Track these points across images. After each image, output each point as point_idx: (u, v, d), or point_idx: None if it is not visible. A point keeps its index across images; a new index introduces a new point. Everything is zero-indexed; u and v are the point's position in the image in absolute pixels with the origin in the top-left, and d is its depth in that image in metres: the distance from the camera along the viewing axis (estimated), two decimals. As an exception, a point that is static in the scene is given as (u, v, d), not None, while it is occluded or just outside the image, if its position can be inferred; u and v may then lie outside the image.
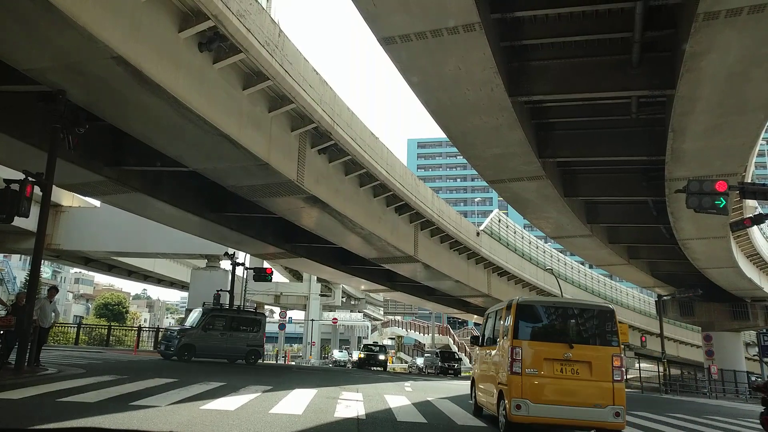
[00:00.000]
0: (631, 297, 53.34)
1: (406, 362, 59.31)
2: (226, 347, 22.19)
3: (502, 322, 8.64)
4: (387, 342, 70.69)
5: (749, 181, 19.59)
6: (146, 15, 10.26)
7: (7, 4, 8.62)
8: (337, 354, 50.75)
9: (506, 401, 7.70)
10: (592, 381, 7.67)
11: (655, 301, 38.30)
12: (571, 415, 7.56)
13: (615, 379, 7.68)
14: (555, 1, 12.02)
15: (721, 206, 11.71)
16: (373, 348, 37.34)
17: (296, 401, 9.14)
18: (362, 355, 35.88)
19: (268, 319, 73.80)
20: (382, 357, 35.37)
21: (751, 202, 23.47)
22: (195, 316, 23.00)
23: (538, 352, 7.78)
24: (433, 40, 11.55)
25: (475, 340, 10.77)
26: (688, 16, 10.34)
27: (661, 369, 31.97)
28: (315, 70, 14.98)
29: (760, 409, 9.34)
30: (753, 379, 36.73)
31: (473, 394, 10.34)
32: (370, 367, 33.96)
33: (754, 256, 32.99)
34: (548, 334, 8.14)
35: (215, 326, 22.26)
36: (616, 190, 21.55)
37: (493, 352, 8.86)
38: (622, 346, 8.11)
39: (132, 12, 9.95)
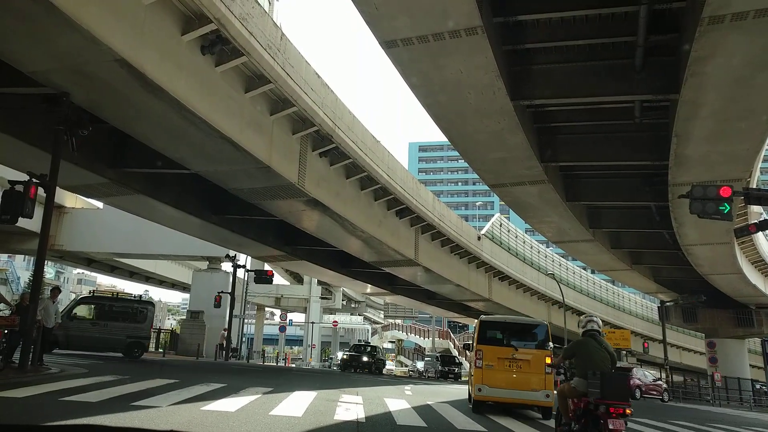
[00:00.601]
0: (634, 303, 53.23)
1: (406, 366, 59.18)
2: (98, 338, 19.81)
3: (474, 333, 11.87)
4: (387, 345, 70.50)
5: (754, 186, 19.55)
6: (149, 18, 10.30)
7: (10, 6, 8.66)
8: (342, 356, 49.42)
9: (473, 386, 10.96)
10: (531, 373, 10.60)
11: (658, 307, 38.21)
12: (515, 396, 10.69)
13: (546, 372, 10.58)
14: (558, 4, 12.03)
15: (725, 212, 11.66)
16: (364, 348, 32.28)
17: (296, 403, 9.12)
18: (346, 356, 30.82)
19: (268, 321, 73.52)
20: (366, 359, 29.55)
21: (756, 208, 23.42)
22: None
23: (494, 353, 10.81)
24: (434, 43, 11.58)
25: (467, 346, 14.02)
26: (693, 19, 10.33)
27: (664, 375, 31.89)
28: (316, 74, 15.01)
29: (765, 416, 10.11)
30: (758, 387, 36.60)
31: (468, 385, 13.41)
32: (355, 370, 29.11)
33: (758, 263, 32.89)
34: (501, 340, 11.16)
35: (86, 315, 20.45)
36: (619, 194, 21.51)
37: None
38: (552, 349, 11.23)
39: (135, 15, 9.99)
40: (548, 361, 10.69)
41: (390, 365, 48.35)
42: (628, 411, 5.66)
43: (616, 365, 6.52)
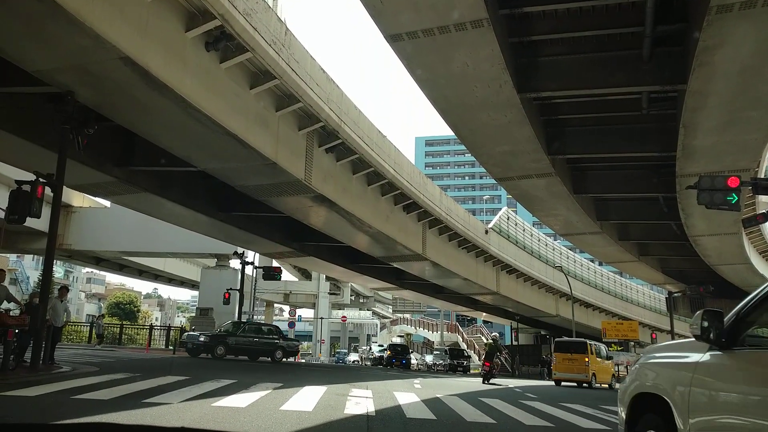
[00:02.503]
0: (642, 294, 53.03)
1: (414, 360, 59.18)
2: None
3: (552, 347, 27.56)
4: (396, 339, 70.62)
5: (762, 176, 19.40)
6: (153, 15, 10.29)
7: (14, 6, 8.68)
8: (377, 350, 44.62)
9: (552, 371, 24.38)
10: (578, 365, 21.39)
11: (666, 298, 38.06)
12: (571, 377, 21.90)
13: (586, 365, 21.16)
14: (563, -5, 11.94)
15: (733, 202, 11.58)
16: (232, 327, 22.96)
17: (306, 398, 9.14)
18: (183, 332, 22.88)
19: (277, 318, 74.05)
20: (203, 339, 21.65)
21: (764, 198, 23.24)
22: None
23: (561, 356, 22.25)
24: (440, 36, 11.52)
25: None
26: (701, 9, 10.22)
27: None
28: (322, 69, 14.98)
29: None
30: None
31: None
32: (217, 352, 21.37)
33: (766, 253, 32.69)
34: (564, 349, 22.54)
35: None
36: (627, 186, 21.42)
37: None
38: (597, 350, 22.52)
39: (139, 12, 9.98)
40: (586, 360, 21.29)
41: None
42: (488, 364, 19.41)
43: (500, 352, 25.36)
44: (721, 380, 3.05)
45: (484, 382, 18.73)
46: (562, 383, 22.43)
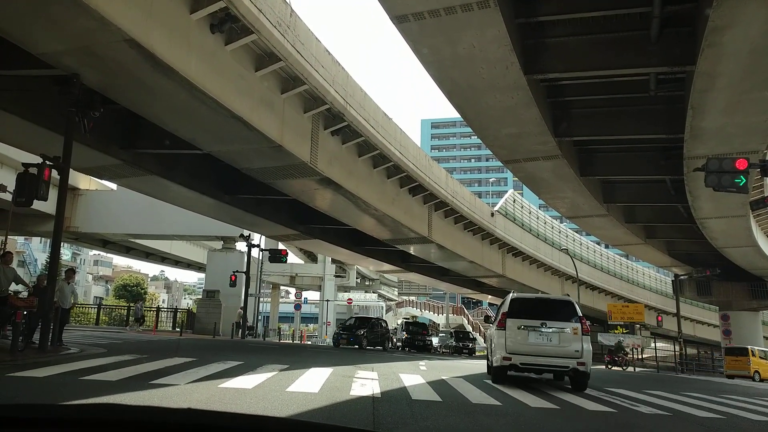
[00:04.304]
0: (648, 277, 52.97)
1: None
2: None
3: None
4: (401, 322, 70.99)
5: (770, 158, 19.20)
6: (158, -4, 10.22)
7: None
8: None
9: None
10: (743, 364, 26.78)
11: (672, 280, 37.98)
12: (738, 373, 26.27)
13: (748, 363, 26.49)
14: (571, -25, 11.77)
15: (740, 184, 11.51)
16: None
17: (312, 380, 9.22)
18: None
19: (283, 300, 74.38)
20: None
21: (771, 180, 23.04)
22: None
23: (730, 357, 28.72)
24: (446, 17, 11.40)
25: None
26: (710, -11, 10.05)
27: (677, 348, 31.87)
28: (327, 51, 14.88)
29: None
30: None
31: None
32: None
33: (774, 235, 32.47)
34: (733, 354, 28.50)
35: None
36: (634, 168, 21.28)
37: None
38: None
39: (144, -7, 9.92)
40: (748, 360, 25.51)
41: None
42: (610, 357, 27.76)
43: (623, 351, 29.01)
44: (495, 335, 11.19)
45: (606, 367, 26.48)
46: (734, 378, 26.90)
